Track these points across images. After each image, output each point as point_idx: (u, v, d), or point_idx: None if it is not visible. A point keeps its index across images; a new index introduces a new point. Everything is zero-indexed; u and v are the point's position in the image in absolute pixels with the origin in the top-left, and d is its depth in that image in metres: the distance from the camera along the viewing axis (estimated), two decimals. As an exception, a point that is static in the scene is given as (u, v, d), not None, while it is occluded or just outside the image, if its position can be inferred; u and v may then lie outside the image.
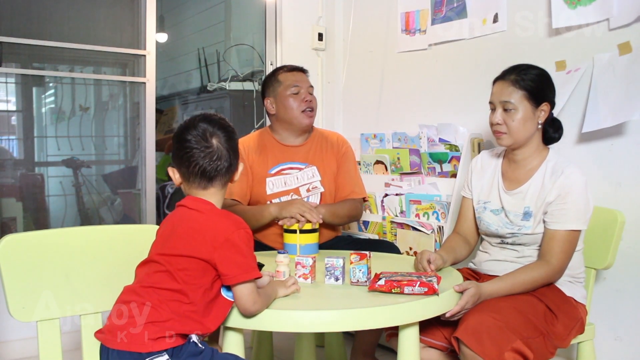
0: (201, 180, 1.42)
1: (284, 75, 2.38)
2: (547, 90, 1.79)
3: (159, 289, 1.35)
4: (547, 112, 1.79)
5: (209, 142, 1.40)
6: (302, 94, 2.34)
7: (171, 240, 1.40)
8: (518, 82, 1.76)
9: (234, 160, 1.44)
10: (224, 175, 1.43)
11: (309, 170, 2.36)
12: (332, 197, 2.39)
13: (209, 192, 1.43)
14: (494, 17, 2.58)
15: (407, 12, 3.06)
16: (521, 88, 1.75)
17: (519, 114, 1.76)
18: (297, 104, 2.33)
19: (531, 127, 1.78)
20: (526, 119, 1.76)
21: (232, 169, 1.45)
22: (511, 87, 1.76)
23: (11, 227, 3.08)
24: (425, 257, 1.77)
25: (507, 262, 1.85)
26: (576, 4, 2.21)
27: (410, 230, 2.64)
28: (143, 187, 3.18)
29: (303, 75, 2.41)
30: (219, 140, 1.41)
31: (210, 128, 1.41)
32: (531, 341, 1.57)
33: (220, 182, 1.43)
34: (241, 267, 1.36)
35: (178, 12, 5.08)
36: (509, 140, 1.80)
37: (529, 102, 1.76)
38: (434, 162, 2.64)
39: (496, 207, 1.88)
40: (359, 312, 1.41)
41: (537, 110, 1.77)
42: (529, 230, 1.79)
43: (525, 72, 1.78)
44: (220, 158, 1.40)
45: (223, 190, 1.46)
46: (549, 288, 1.74)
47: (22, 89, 3.36)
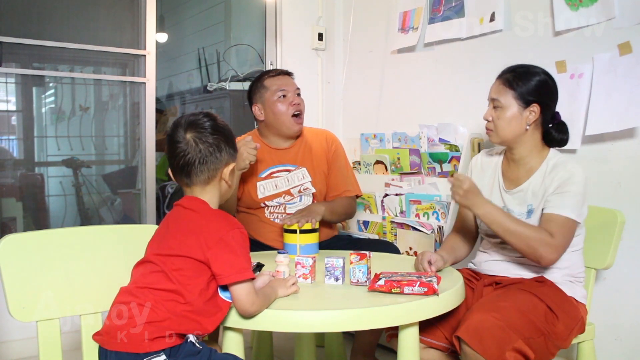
0: (182, 177, 1.44)
1: (270, 80, 2.34)
2: (539, 92, 1.78)
3: (155, 289, 1.35)
4: (537, 114, 1.78)
5: (182, 138, 1.42)
6: (289, 97, 2.31)
7: (166, 240, 1.41)
8: (509, 81, 1.79)
9: (211, 155, 1.42)
10: (200, 170, 1.42)
11: (299, 172, 2.36)
12: (323, 197, 2.40)
13: (196, 189, 1.44)
14: (491, 16, 2.58)
15: (405, 12, 3.06)
16: (511, 87, 1.78)
17: (505, 112, 1.78)
18: (285, 107, 2.30)
19: (517, 126, 1.78)
20: (512, 118, 1.78)
21: (211, 164, 1.43)
22: (502, 86, 1.80)
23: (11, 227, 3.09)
24: (426, 258, 1.77)
25: (506, 262, 1.85)
26: (578, 5, 2.21)
27: (410, 230, 2.64)
28: (143, 187, 3.18)
29: (289, 79, 2.37)
30: (193, 136, 1.42)
31: (185, 125, 1.43)
32: (532, 341, 1.57)
33: (200, 178, 1.43)
34: (234, 267, 1.35)
35: (178, 12, 5.08)
36: (496, 138, 1.83)
37: (517, 102, 1.77)
38: (434, 162, 2.64)
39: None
40: (359, 312, 1.41)
41: (525, 111, 1.78)
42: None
43: (521, 72, 1.79)
44: (188, 152, 1.41)
45: (216, 189, 1.46)
46: (549, 288, 1.74)
47: (22, 89, 3.36)
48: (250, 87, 2.41)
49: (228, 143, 1.46)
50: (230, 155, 1.47)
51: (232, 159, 1.48)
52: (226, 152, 1.45)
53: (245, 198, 2.34)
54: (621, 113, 2.07)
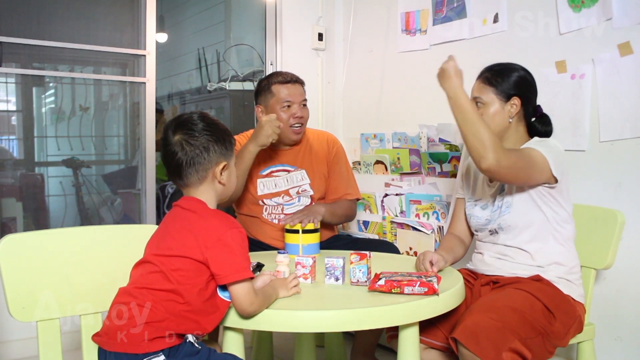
0: (175, 178, 1.45)
1: (278, 87, 2.29)
2: (519, 86, 1.84)
3: (153, 289, 1.35)
4: (518, 106, 1.83)
5: (171, 139, 1.43)
6: (293, 109, 2.29)
7: (165, 241, 1.40)
8: (488, 79, 1.86)
9: (198, 157, 1.41)
10: (189, 172, 1.41)
11: (298, 174, 2.36)
12: (321, 199, 2.40)
13: (191, 189, 1.44)
14: (494, 17, 2.59)
15: (407, 12, 3.06)
16: (490, 85, 1.85)
17: (488, 109, 1.84)
18: (287, 117, 2.28)
19: (501, 120, 1.84)
20: (495, 114, 1.84)
21: (199, 165, 1.42)
22: (482, 85, 1.87)
23: (11, 227, 3.08)
24: (428, 258, 1.77)
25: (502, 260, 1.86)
26: (581, 7, 2.22)
27: (410, 230, 2.64)
28: (143, 187, 3.18)
29: (298, 88, 2.32)
30: (180, 137, 1.42)
31: (173, 126, 1.44)
32: (529, 341, 1.57)
33: (191, 180, 1.43)
34: (233, 267, 1.35)
35: (178, 12, 5.08)
36: None
37: (498, 98, 1.83)
38: (434, 162, 2.64)
39: (485, 202, 1.91)
40: (359, 312, 1.41)
41: (506, 105, 1.84)
42: (510, 206, 1.81)
43: (498, 70, 1.86)
44: (177, 154, 1.41)
45: (210, 189, 1.45)
46: (546, 286, 1.74)
47: (22, 89, 3.35)
48: (258, 86, 2.39)
49: (218, 143, 1.44)
50: (221, 154, 1.45)
51: (224, 158, 1.45)
52: (215, 152, 1.43)
53: (245, 193, 2.33)
54: (633, 119, 2.09)
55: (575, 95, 2.25)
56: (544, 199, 1.78)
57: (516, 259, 1.83)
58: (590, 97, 2.22)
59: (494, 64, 1.90)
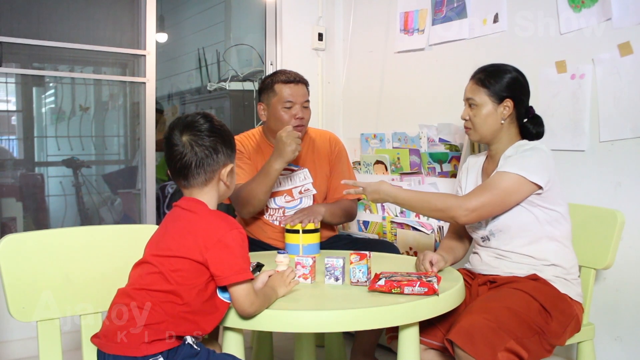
0: (179, 179, 1.44)
1: (280, 86, 2.28)
2: (511, 88, 1.84)
3: (152, 290, 1.35)
4: (511, 108, 1.83)
5: (178, 140, 1.41)
6: (294, 109, 2.27)
7: (164, 241, 1.40)
8: (482, 80, 1.86)
9: (207, 158, 1.41)
10: (197, 172, 1.41)
11: (301, 173, 2.36)
12: (323, 199, 2.40)
13: (194, 190, 1.43)
14: (494, 17, 2.59)
15: (406, 12, 3.06)
16: (483, 86, 1.85)
17: (481, 110, 1.85)
18: (287, 117, 2.27)
19: (493, 122, 1.85)
20: (487, 115, 1.84)
21: (208, 166, 1.41)
22: (475, 86, 1.87)
23: (11, 227, 3.08)
24: (428, 259, 1.77)
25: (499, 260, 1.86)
26: (581, 7, 2.22)
27: (410, 230, 2.64)
28: (143, 187, 3.18)
29: (300, 88, 2.30)
30: (189, 138, 1.41)
31: (181, 127, 1.42)
32: (526, 340, 1.57)
33: (198, 181, 1.42)
34: (233, 268, 1.35)
35: (178, 12, 5.08)
36: (475, 136, 1.90)
37: (491, 99, 1.84)
38: (434, 162, 2.64)
39: None
40: (359, 312, 1.41)
41: (499, 107, 1.84)
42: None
43: (492, 71, 1.86)
44: (185, 155, 1.40)
45: (214, 190, 1.45)
46: (543, 285, 1.74)
47: (22, 89, 3.36)
48: (262, 83, 2.38)
49: (225, 144, 1.44)
50: (228, 156, 1.45)
51: (230, 160, 1.46)
52: (223, 154, 1.44)
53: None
54: (633, 119, 2.08)
55: (575, 95, 2.25)
56: (532, 204, 1.77)
57: (513, 258, 1.83)
58: (590, 97, 2.22)
59: (487, 65, 1.90)
